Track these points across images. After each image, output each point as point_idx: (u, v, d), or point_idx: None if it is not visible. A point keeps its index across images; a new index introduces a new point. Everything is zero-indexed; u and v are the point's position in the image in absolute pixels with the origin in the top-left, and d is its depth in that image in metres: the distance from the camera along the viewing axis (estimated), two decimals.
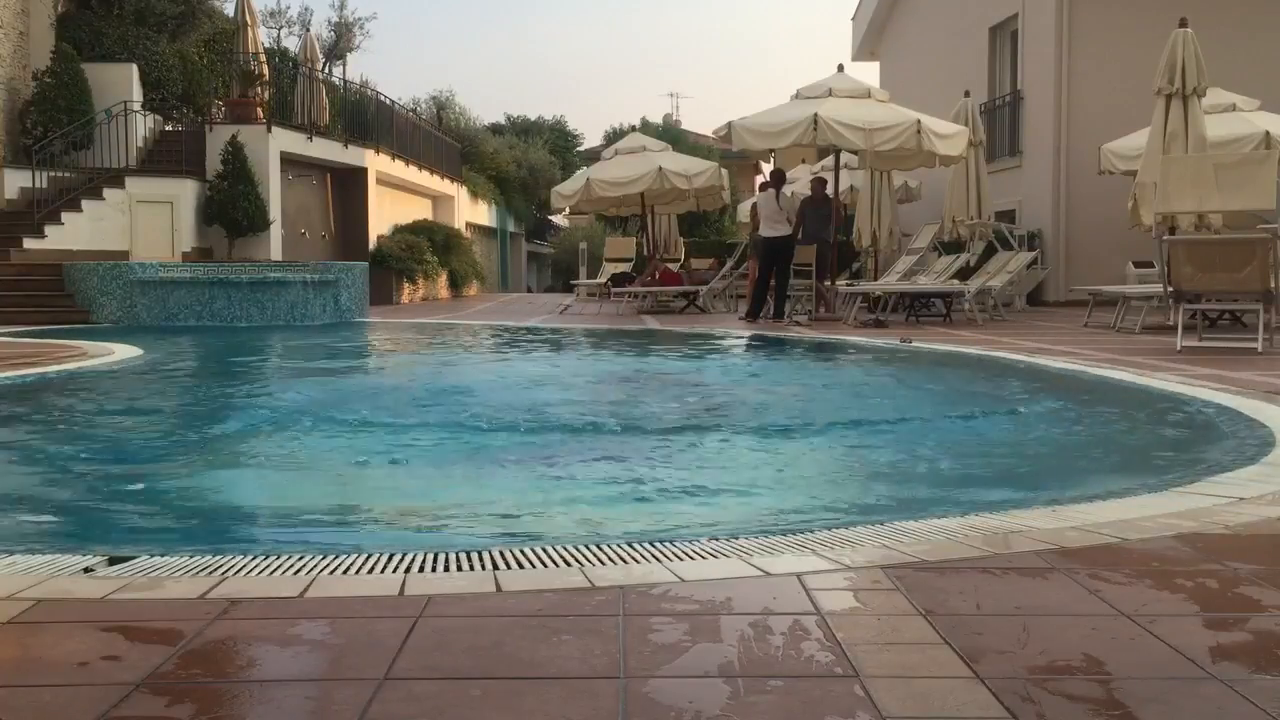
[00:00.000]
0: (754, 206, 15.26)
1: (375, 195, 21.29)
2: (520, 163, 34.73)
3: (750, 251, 15.36)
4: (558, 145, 40.17)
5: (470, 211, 29.23)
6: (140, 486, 4.20)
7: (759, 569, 2.53)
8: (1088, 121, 16.47)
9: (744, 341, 11.15)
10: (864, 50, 25.97)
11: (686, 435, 5.26)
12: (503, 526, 3.52)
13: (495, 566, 2.56)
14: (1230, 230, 10.08)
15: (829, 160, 16.06)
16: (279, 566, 2.58)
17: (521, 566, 2.57)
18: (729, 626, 2.16)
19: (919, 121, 13.17)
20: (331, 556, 2.65)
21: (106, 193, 16.07)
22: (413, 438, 5.15)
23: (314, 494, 4.08)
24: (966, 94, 15.66)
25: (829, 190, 14.69)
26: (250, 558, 2.65)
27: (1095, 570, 2.52)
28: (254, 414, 6.10)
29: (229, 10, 21.55)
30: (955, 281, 13.57)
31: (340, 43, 30.96)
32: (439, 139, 26.77)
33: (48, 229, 15.27)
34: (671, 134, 33.02)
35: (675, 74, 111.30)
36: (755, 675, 1.89)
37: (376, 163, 21.17)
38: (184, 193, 16.73)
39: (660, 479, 4.24)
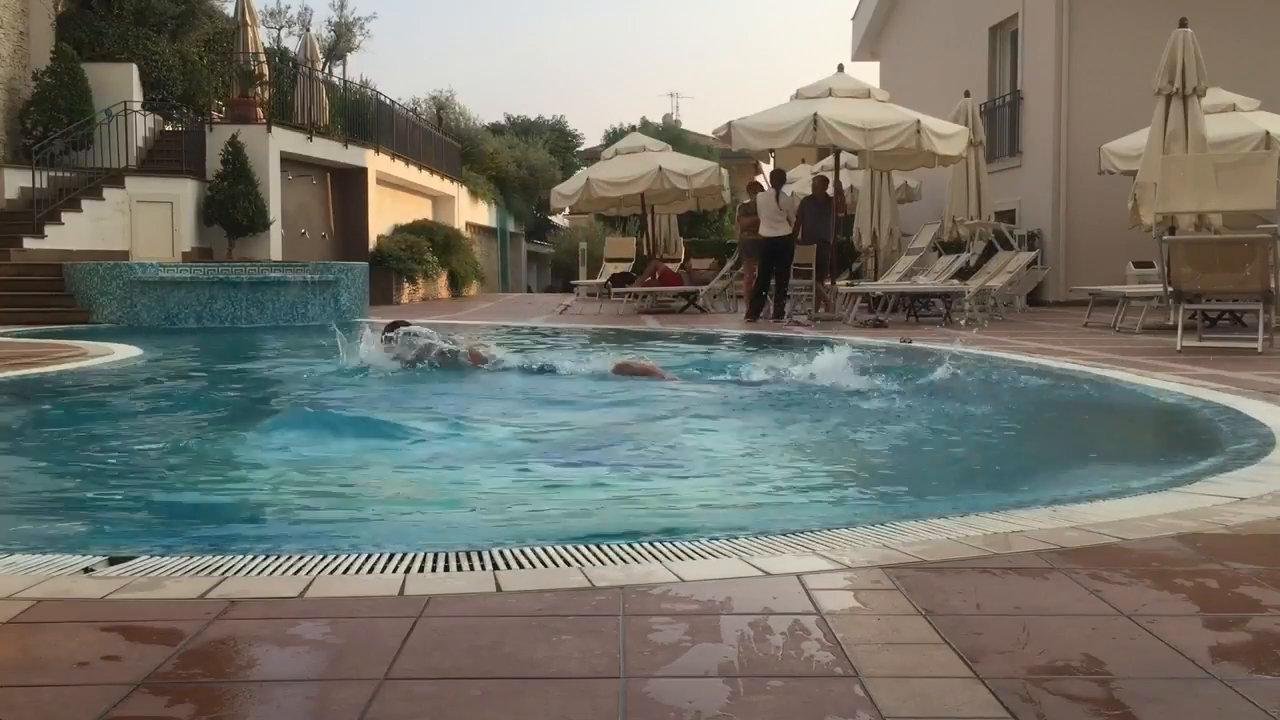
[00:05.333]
0: (743, 207, 15.29)
1: (375, 195, 21.29)
2: (520, 163, 34.74)
3: (742, 253, 15.35)
4: (558, 145, 40.18)
5: (470, 211, 29.24)
6: (140, 486, 4.20)
7: (759, 569, 2.53)
8: (1088, 121, 16.47)
9: (743, 340, 11.15)
10: (864, 50, 25.97)
11: (688, 431, 5.26)
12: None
13: (495, 566, 2.56)
14: (1230, 230, 10.08)
15: (829, 160, 16.07)
16: (279, 566, 2.58)
17: (521, 566, 2.57)
18: (729, 626, 2.16)
19: (919, 121, 13.17)
20: (331, 556, 2.65)
21: (106, 193, 16.07)
22: (417, 436, 5.15)
23: (314, 493, 4.08)
24: (966, 94, 15.65)
25: (830, 190, 14.68)
26: (250, 558, 2.64)
27: (1095, 570, 2.52)
28: (253, 414, 6.09)
29: (229, 10, 21.59)
30: (955, 281, 13.56)
31: (340, 43, 30.96)
32: (439, 139, 26.78)
33: (48, 229, 15.27)
34: (671, 134, 33.00)
35: (675, 74, 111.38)
36: (755, 675, 1.89)
37: (376, 163, 21.17)
38: (184, 193, 16.73)
39: (661, 475, 4.24)
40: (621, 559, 2.62)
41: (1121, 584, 2.43)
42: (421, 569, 2.55)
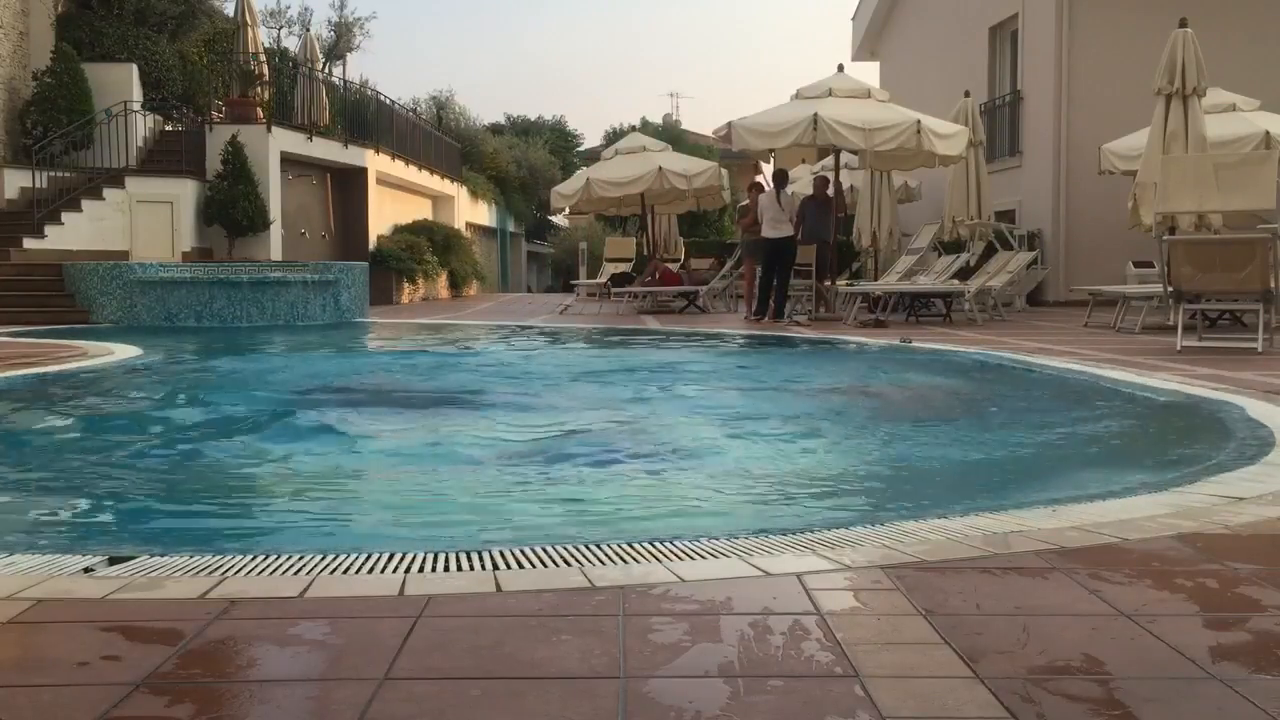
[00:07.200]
0: (743, 207, 15.28)
1: (375, 195, 21.28)
2: (520, 163, 34.73)
3: (743, 252, 15.36)
4: (558, 145, 40.18)
5: (470, 211, 29.23)
6: (141, 486, 4.20)
7: (759, 569, 2.53)
8: (1088, 121, 16.47)
9: (743, 340, 11.15)
10: (864, 50, 25.97)
11: (688, 431, 5.26)
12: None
13: (495, 566, 2.56)
14: (1230, 230, 10.08)
15: (829, 160, 16.06)
16: (279, 566, 2.58)
17: (521, 566, 2.57)
18: (729, 626, 2.16)
19: (919, 121, 13.17)
20: (331, 556, 2.65)
21: (106, 193, 16.06)
22: (418, 436, 5.15)
23: (314, 493, 4.08)
24: (966, 94, 15.65)
25: (831, 190, 14.68)
26: (250, 558, 2.65)
27: (1095, 570, 2.52)
28: (253, 413, 6.10)
29: (229, 10, 21.58)
30: (955, 281, 13.56)
31: (340, 43, 30.94)
32: (439, 139, 26.77)
33: (48, 229, 15.27)
34: (671, 134, 33.00)
35: (675, 74, 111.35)
36: (755, 675, 1.89)
37: (376, 163, 21.16)
38: (184, 193, 16.72)
39: (663, 474, 4.24)
40: (621, 559, 2.62)
41: (1121, 584, 2.43)
42: (421, 569, 2.55)
